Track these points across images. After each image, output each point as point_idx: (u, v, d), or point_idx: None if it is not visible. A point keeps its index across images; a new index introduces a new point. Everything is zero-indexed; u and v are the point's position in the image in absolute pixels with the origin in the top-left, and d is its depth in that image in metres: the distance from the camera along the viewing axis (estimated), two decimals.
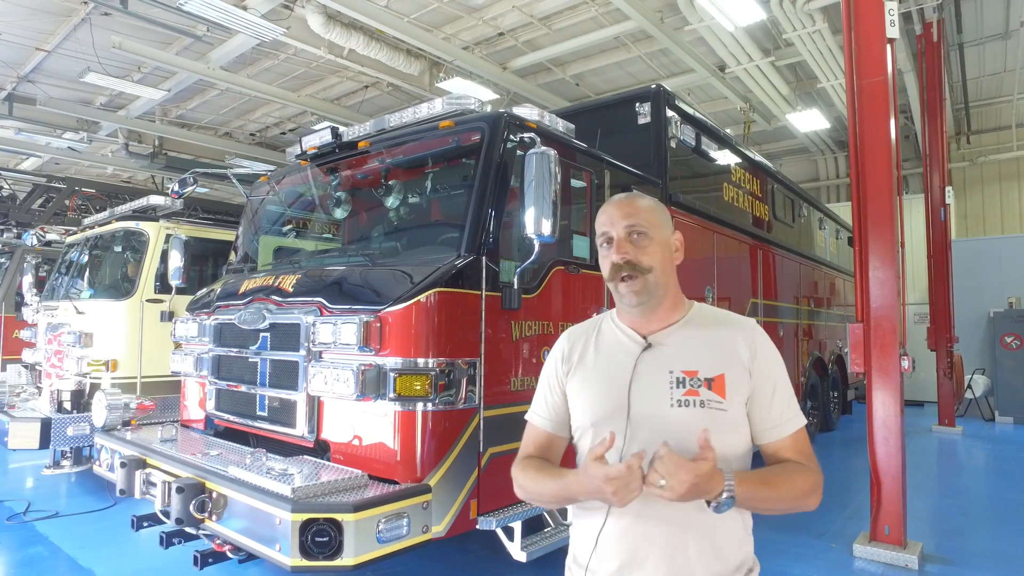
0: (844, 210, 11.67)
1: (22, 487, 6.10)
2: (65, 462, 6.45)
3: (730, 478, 1.27)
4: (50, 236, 8.84)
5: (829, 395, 9.16)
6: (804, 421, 1.47)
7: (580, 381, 1.55)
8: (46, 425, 5.48)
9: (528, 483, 1.51)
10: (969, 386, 10.78)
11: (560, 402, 1.59)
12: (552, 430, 1.60)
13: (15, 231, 11.03)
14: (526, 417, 1.66)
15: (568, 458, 1.64)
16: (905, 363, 4.42)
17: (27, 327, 7.49)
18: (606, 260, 1.49)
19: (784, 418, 1.45)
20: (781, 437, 1.44)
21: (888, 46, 4.61)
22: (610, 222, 1.49)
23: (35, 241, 8.80)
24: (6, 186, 12.52)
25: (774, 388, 1.45)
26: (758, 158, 7.20)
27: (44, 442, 5.47)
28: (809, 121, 12.48)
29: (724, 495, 1.26)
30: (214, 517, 3.03)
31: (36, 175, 13.09)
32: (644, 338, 1.50)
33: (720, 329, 1.49)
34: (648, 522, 1.39)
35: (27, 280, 7.75)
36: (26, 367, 7.23)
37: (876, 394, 4.46)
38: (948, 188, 9.41)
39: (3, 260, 9.75)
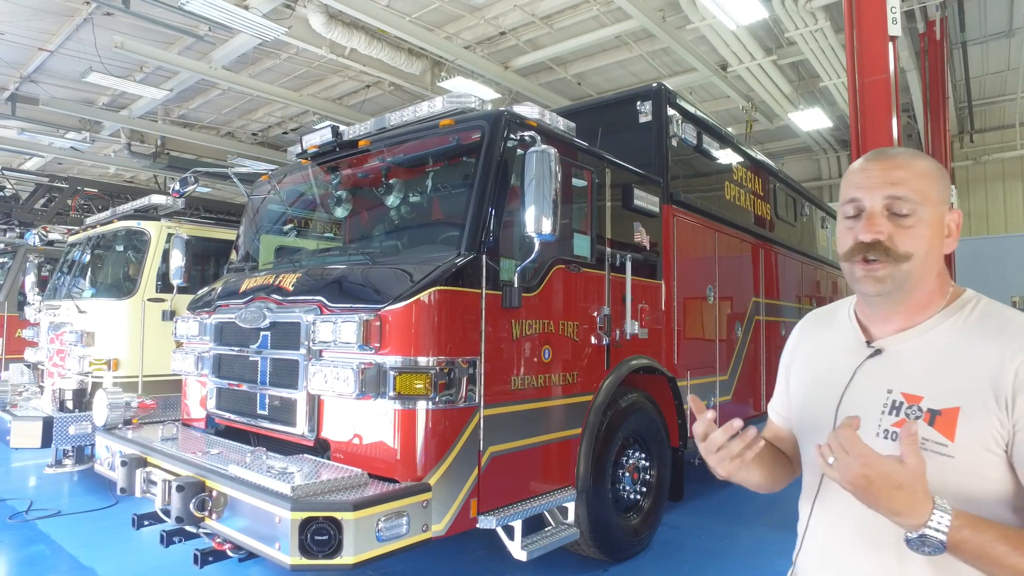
0: None
1: (24, 486, 6.12)
2: (67, 461, 6.45)
3: (946, 510, 0.95)
4: (52, 236, 8.86)
5: None
6: None
7: (798, 377, 1.35)
8: (48, 424, 5.49)
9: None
10: None
11: (786, 395, 1.39)
12: (781, 424, 1.42)
13: (18, 231, 11.06)
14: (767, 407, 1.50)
15: None
16: None
17: (29, 326, 7.51)
18: (849, 234, 1.15)
19: None
20: None
21: (890, 44, 4.60)
22: (866, 185, 1.13)
23: (38, 240, 8.81)
24: (9, 186, 12.55)
25: None
26: (760, 157, 7.19)
27: (46, 441, 5.48)
28: (811, 120, 12.47)
29: (928, 529, 0.94)
30: (214, 516, 3.03)
31: (39, 175, 13.12)
32: (870, 341, 1.20)
33: (982, 340, 1.07)
34: (844, 534, 1.14)
35: (29, 279, 7.77)
36: (28, 366, 7.24)
37: None
38: (951, 187, 9.38)
39: (6, 259, 9.77)
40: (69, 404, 5.74)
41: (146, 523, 3.64)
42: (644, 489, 4.36)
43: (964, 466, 1.03)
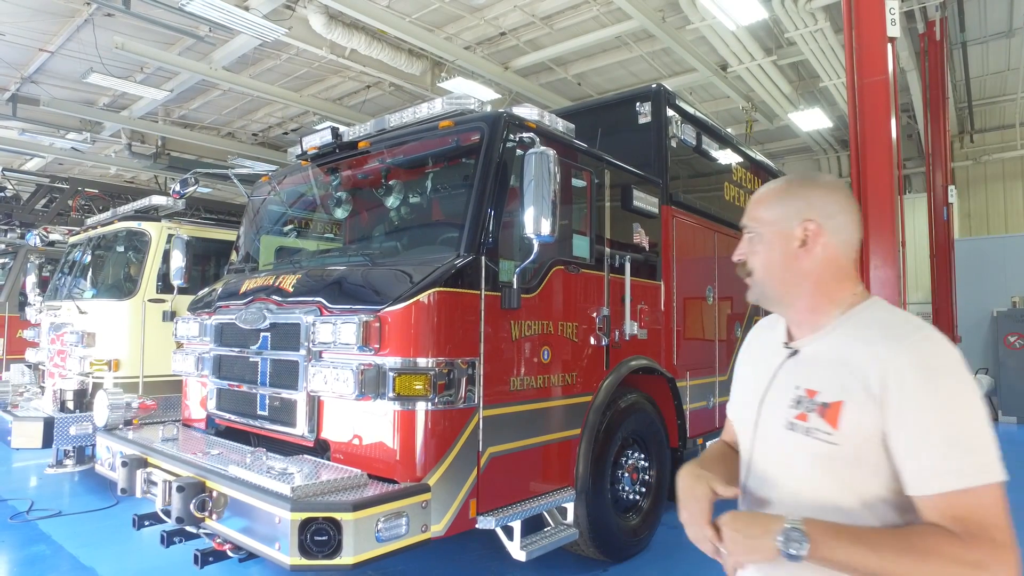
0: None
1: (25, 486, 6.14)
2: (68, 461, 6.47)
3: (796, 519, 1.07)
4: (53, 236, 8.88)
5: None
6: (971, 481, 1.03)
7: (739, 375, 1.47)
8: (49, 424, 5.50)
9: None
10: None
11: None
12: (733, 418, 1.52)
13: (19, 231, 11.09)
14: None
15: None
16: None
17: (30, 327, 7.52)
18: None
19: (925, 472, 1.05)
20: (921, 495, 1.06)
21: (889, 45, 4.60)
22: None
23: (38, 241, 8.84)
24: (10, 186, 12.56)
25: (911, 428, 1.07)
26: (759, 157, 7.19)
27: (47, 441, 5.50)
28: (811, 120, 12.46)
29: (785, 530, 1.06)
30: (214, 516, 3.04)
31: (40, 175, 13.14)
32: (788, 343, 1.32)
33: (862, 342, 1.17)
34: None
35: (30, 280, 7.79)
36: (29, 367, 7.26)
37: None
38: (951, 187, 9.39)
39: (7, 260, 9.79)
40: (70, 405, 5.76)
41: (147, 523, 3.65)
42: (643, 489, 4.37)
43: (846, 453, 1.13)
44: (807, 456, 1.18)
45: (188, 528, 3.22)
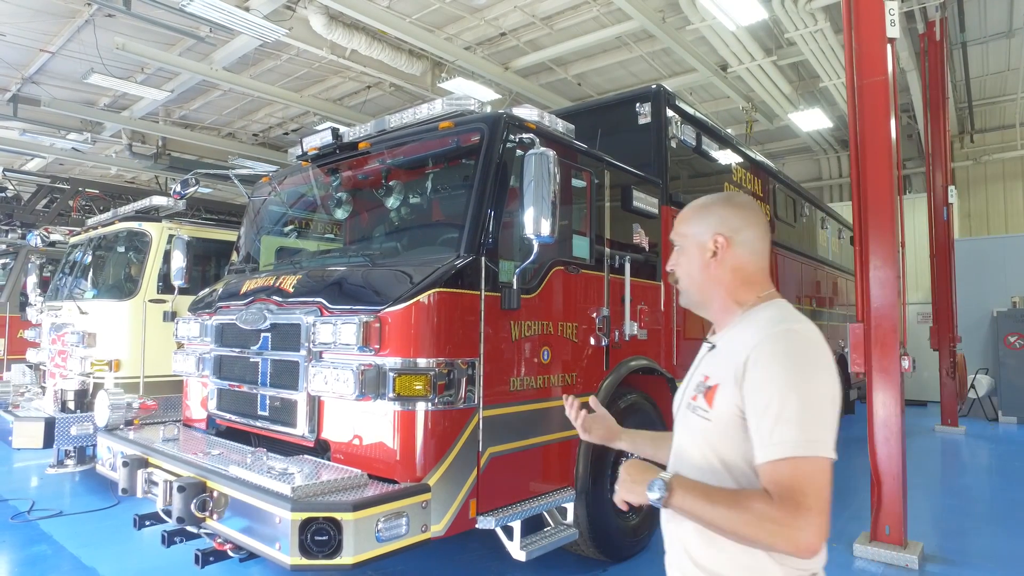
0: (847, 209, 11.66)
1: (26, 486, 6.15)
2: (69, 461, 6.48)
3: (667, 474, 1.33)
4: (54, 236, 8.89)
5: None
6: (789, 452, 1.20)
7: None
8: (50, 424, 5.51)
9: None
10: (972, 386, 10.75)
11: None
12: None
13: (20, 231, 11.10)
14: None
15: None
16: (906, 363, 4.42)
17: (31, 327, 7.53)
18: None
19: (762, 441, 1.24)
20: (757, 463, 1.25)
21: (888, 46, 4.61)
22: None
23: (39, 241, 8.85)
24: (11, 187, 12.57)
25: (757, 405, 1.26)
26: (759, 158, 7.20)
27: (48, 441, 5.50)
28: (811, 120, 12.46)
29: (656, 482, 1.30)
30: (215, 516, 3.05)
31: (40, 176, 13.14)
32: (707, 338, 1.54)
33: (743, 334, 1.37)
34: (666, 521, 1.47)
35: (31, 280, 7.80)
36: (30, 367, 7.27)
37: (876, 394, 4.46)
38: (951, 187, 9.38)
39: (8, 260, 9.80)
40: (71, 405, 5.76)
41: (147, 523, 3.66)
42: None
43: (717, 427, 1.35)
44: (693, 429, 1.41)
45: (189, 528, 3.23)
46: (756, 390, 1.26)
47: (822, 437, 1.21)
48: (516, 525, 3.27)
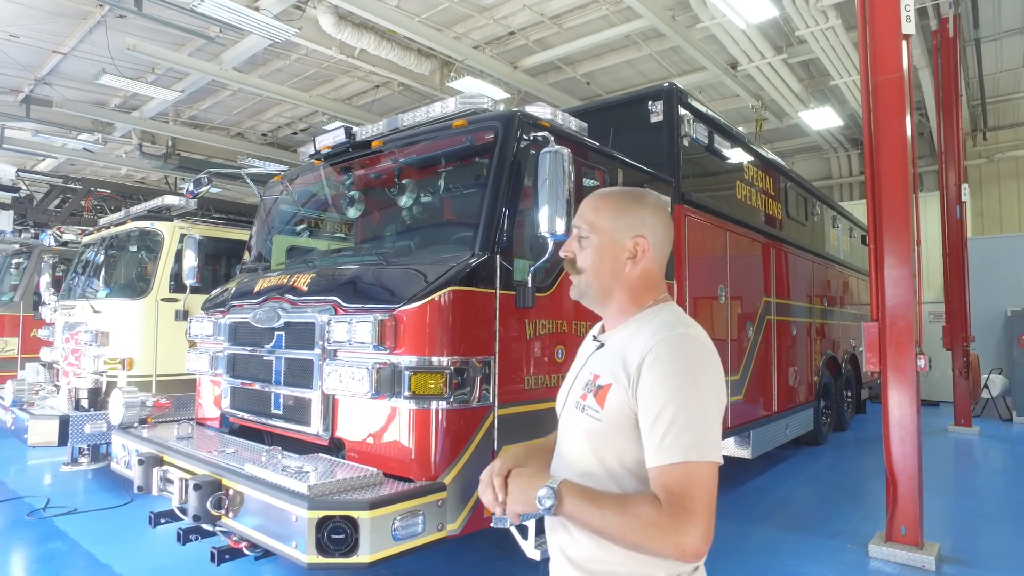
0: (857, 208, 11.57)
1: (41, 483, 6.19)
2: (83, 459, 6.53)
3: (555, 481, 1.27)
4: (67, 236, 8.96)
5: (843, 395, 9.09)
6: (679, 457, 1.19)
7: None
8: (64, 422, 5.55)
9: None
10: (986, 386, 10.65)
11: None
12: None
13: (33, 231, 11.19)
14: None
15: None
16: (921, 362, 4.38)
17: (45, 326, 7.59)
18: None
19: (652, 447, 1.23)
20: (649, 466, 1.24)
21: (904, 42, 4.57)
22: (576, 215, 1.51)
23: (52, 241, 8.91)
24: (24, 187, 12.68)
25: (653, 411, 1.24)
26: (771, 156, 7.16)
27: (62, 439, 5.55)
28: (822, 119, 12.39)
29: (544, 490, 1.25)
30: (231, 514, 3.06)
31: (52, 176, 13.25)
32: (596, 337, 1.51)
33: (637, 337, 1.35)
34: (550, 527, 1.43)
35: (44, 280, 7.86)
36: (44, 365, 7.33)
37: (892, 393, 4.42)
38: (964, 185, 9.30)
39: (21, 260, 9.88)
40: (84, 403, 5.81)
41: (162, 521, 3.68)
42: None
43: (607, 428, 1.32)
44: (580, 430, 1.37)
45: (204, 526, 3.24)
46: (650, 393, 1.25)
47: (712, 442, 1.23)
48: (531, 524, 3.24)
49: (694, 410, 1.23)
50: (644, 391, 1.26)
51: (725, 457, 5.84)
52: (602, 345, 1.45)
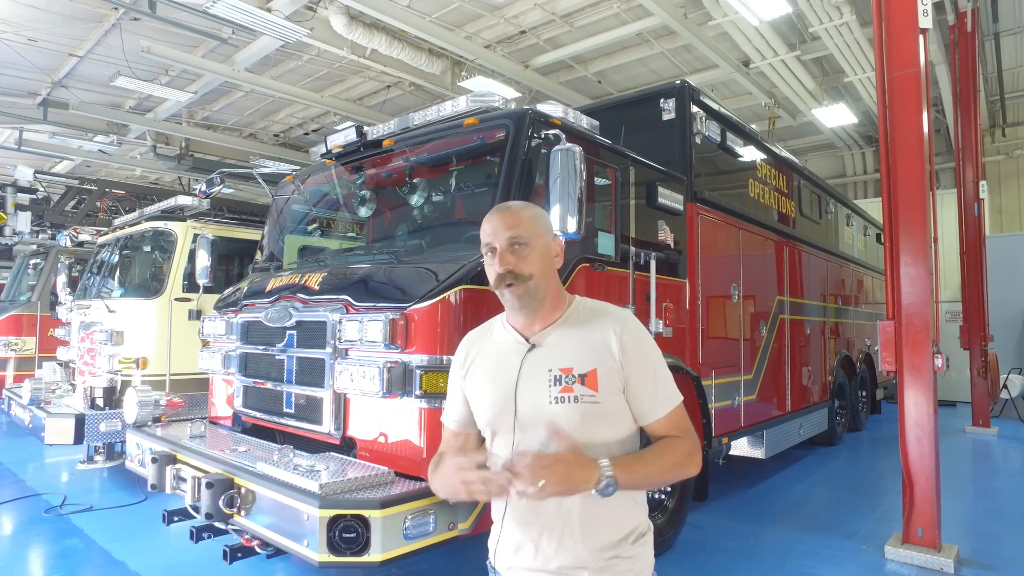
0: (872, 206, 11.44)
1: (58, 481, 6.27)
2: (98, 457, 6.61)
3: (606, 463, 1.38)
4: (82, 237, 9.07)
5: (857, 395, 8.99)
6: (676, 401, 1.57)
7: (475, 383, 1.66)
8: (80, 421, 5.62)
9: (431, 481, 1.64)
10: (1005, 386, 10.48)
11: (462, 403, 1.71)
12: (459, 429, 1.74)
13: (50, 232, 11.34)
14: (441, 419, 1.79)
15: None
16: (939, 361, 4.31)
17: (61, 325, 7.68)
18: (491, 269, 1.57)
19: (656, 401, 1.55)
20: (656, 419, 1.55)
21: (920, 37, 4.50)
22: (493, 233, 1.55)
23: (68, 242, 9.03)
24: (41, 188, 12.85)
25: (645, 375, 1.54)
26: (784, 154, 7.09)
27: (78, 437, 5.61)
28: (836, 116, 12.26)
29: (604, 481, 1.36)
30: (243, 512, 3.07)
31: (69, 177, 13.43)
32: (527, 340, 1.59)
33: (594, 324, 1.56)
34: (540, 506, 1.49)
35: (61, 280, 7.96)
36: (61, 364, 7.42)
37: (908, 393, 4.36)
38: (982, 182, 9.15)
39: (39, 260, 10.01)
40: (100, 402, 5.86)
41: (176, 519, 3.71)
42: (668, 489, 4.33)
43: (606, 408, 1.51)
44: (579, 418, 1.47)
45: (217, 524, 3.25)
46: (639, 362, 1.53)
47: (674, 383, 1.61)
48: None
49: (665, 365, 1.60)
50: (633, 362, 1.52)
51: (738, 457, 5.83)
52: (533, 347, 1.57)
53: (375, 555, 2.61)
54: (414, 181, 4.00)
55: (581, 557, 1.48)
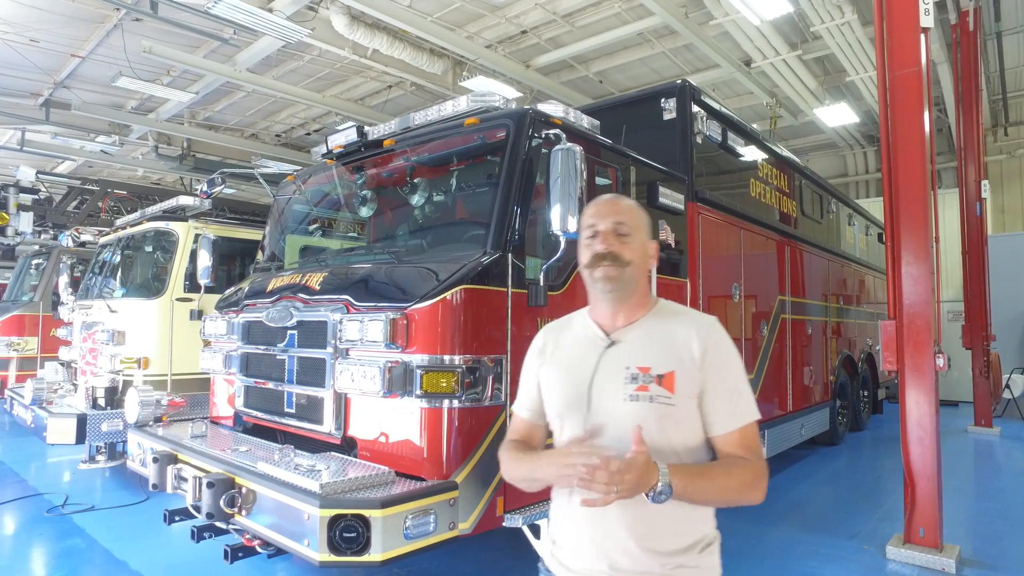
0: (874, 206, 11.42)
1: (60, 481, 6.28)
2: (100, 457, 6.62)
3: (664, 470, 1.36)
4: (84, 237, 9.08)
5: (859, 394, 8.97)
6: (752, 418, 1.51)
7: (550, 373, 1.66)
8: (82, 421, 5.62)
9: (505, 465, 1.66)
10: (1007, 386, 10.46)
11: (536, 393, 1.71)
12: (531, 419, 1.73)
13: (52, 232, 11.36)
14: (512, 408, 1.79)
15: None
16: (940, 361, 4.30)
17: (63, 325, 7.69)
18: (588, 250, 1.58)
19: (729, 414, 1.50)
20: (726, 432, 1.50)
21: (922, 36, 4.49)
22: (598, 215, 1.59)
23: (70, 242, 9.04)
24: (43, 189, 12.88)
25: (722, 384, 1.50)
26: (785, 153, 7.08)
27: (80, 437, 5.62)
28: (837, 115, 12.24)
29: (659, 486, 1.35)
30: (244, 512, 3.07)
31: (71, 178, 13.46)
32: (607, 335, 1.59)
33: (677, 326, 1.55)
34: (603, 509, 1.45)
35: (63, 280, 7.96)
36: (63, 364, 7.43)
37: (910, 393, 4.35)
38: (984, 182, 9.13)
39: (41, 261, 10.03)
40: (101, 401, 5.87)
41: (177, 518, 3.71)
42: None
43: (681, 412, 1.49)
44: (653, 418, 1.46)
45: (218, 524, 3.26)
46: (719, 369, 1.50)
47: (755, 403, 1.55)
48: (543, 524, 3.25)
49: (746, 379, 1.55)
50: (712, 368, 1.49)
51: None
52: (613, 343, 1.56)
53: (375, 555, 2.61)
54: (415, 181, 4.00)
55: (643, 563, 1.45)
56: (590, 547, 1.50)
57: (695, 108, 4.93)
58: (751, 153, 6.04)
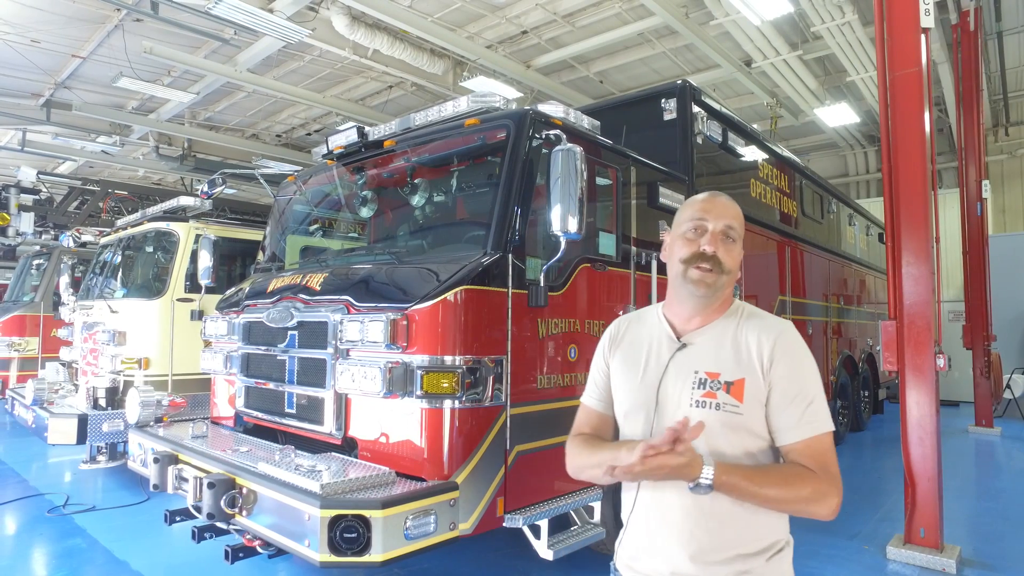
0: (874, 206, 11.41)
1: (61, 481, 6.28)
2: (101, 457, 6.62)
3: (710, 465, 1.33)
4: (85, 237, 9.09)
5: (859, 394, 8.97)
6: (823, 429, 1.42)
7: (620, 366, 1.62)
8: (83, 421, 5.63)
9: (572, 456, 1.59)
10: (1008, 386, 10.45)
11: (606, 383, 1.67)
12: (601, 409, 1.68)
13: (53, 233, 11.37)
14: (581, 399, 1.74)
15: None
16: (940, 361, 4.31)
17: (64, 326, 7.70)
18: (690, 245, 1.51)
19: (797, 421, 1.42)
20: (792, 441, 1.43)
21: (922, 36, 4.49)
22: (708, 213, 1.52)
23: (71, 242, 9.05)
24: (44, 189, 12.88)
25: (791, 391, 1.44)
26: (786, 153, 7.08)
27: (81, 437, 5.62)
28: (838, 115, 12.23)
29: (701, 480, 1.32)
30: (244, 512, 3.08)
31: (72, 178, 13.46)
32: (679, 337, 1.55)
33: (750, 332, 1.49)
34: (665, 508, 1.46)
35: (64, 280, 7.97)
36: (64, 364, 7.44)
37: (910, 393, 4.35)
38: (985, 182, 9.12)
39: (42, 261, 10.04)
40: (102, 402, 5.88)
41: (178, 519, 3.72)
42: None
43: (749, 421, 1.43)
44: (718, 425, 1.41)
45: (219, 524, 3.26)
46: (788, 378, 1.43)
47: (829, 414, 1.46)
48: (543, 524, 3.25)
49: (820, 388, 1.46)
50: (781, 375, 1.43)
51: None
52: (684, 345, 1.52)
53: (376, 555, 2.61)
54: (415, 181, 4.00)
55: (708, 567, 1.41)
56: (654, 548, 1.47)
57: (695, 108, 4.93)
58: (752, 153, 6.04)
